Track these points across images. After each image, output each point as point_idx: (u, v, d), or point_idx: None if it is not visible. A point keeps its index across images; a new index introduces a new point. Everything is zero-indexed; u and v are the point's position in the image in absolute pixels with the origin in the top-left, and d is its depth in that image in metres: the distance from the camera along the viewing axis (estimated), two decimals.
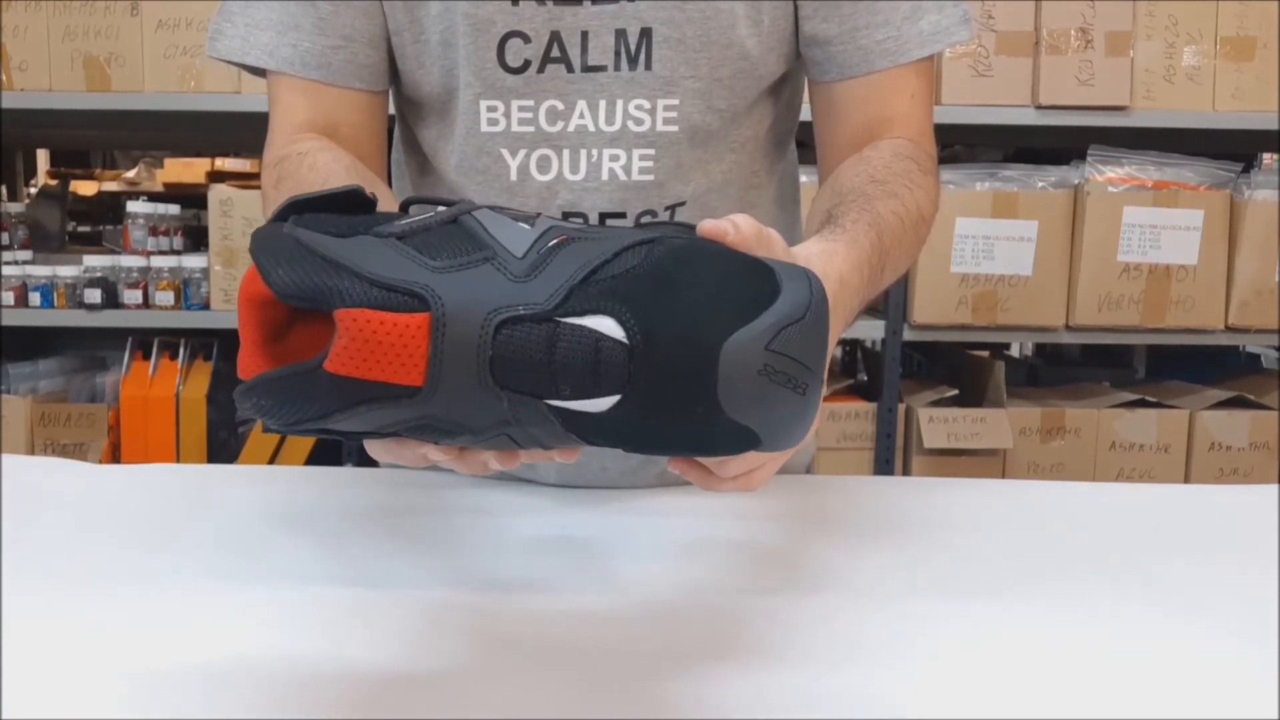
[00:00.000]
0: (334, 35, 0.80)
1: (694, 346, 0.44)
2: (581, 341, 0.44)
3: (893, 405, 2.21)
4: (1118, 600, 0.65)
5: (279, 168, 0.78)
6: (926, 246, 0.85)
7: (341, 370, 0.44)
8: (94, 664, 0.54)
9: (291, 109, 0.82)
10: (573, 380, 0.44)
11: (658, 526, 0.77)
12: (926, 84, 0.83)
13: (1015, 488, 0.94)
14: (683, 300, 0.44)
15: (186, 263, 2.29)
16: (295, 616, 0.60)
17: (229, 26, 0.81)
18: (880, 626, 0.60)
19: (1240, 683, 0.55)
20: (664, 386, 0.44)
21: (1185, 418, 2.21)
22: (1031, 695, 0.53)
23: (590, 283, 0.45)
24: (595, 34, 0.78)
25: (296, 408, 0.45)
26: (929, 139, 0.84)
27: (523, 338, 0.44)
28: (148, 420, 2.30)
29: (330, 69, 0.80)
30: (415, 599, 0.63)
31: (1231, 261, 2.14)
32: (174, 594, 0.63)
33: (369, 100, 0.83)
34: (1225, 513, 0.84)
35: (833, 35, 0.81)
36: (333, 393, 0.44)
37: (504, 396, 0.45)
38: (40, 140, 4.08)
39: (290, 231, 0.45)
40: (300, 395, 0.45)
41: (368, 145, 0.84)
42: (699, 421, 0.45)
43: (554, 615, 0.61)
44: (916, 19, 0.80)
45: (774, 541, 0.75)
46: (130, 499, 0.82)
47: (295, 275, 0.44)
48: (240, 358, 0.49)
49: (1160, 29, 2.11)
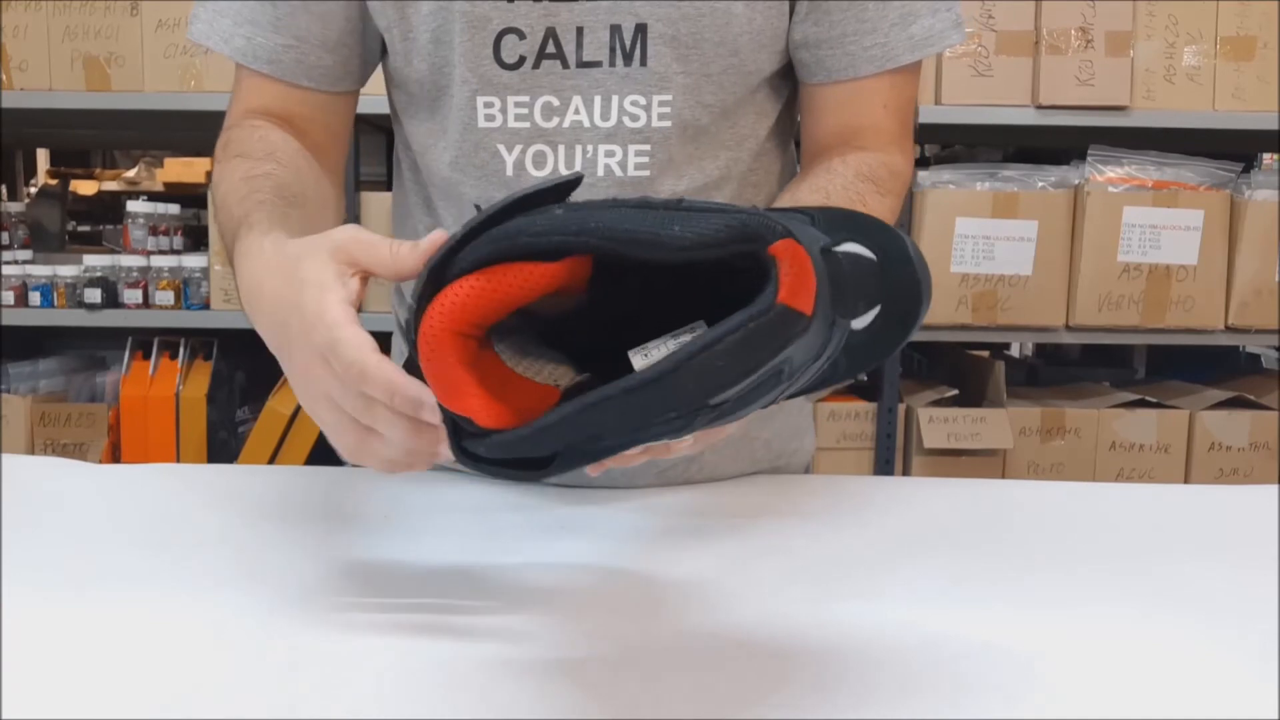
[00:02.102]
0: (287, 34, 0.82)
1: (908, 262, 0.50)
2: (857, 262, 0.48)
3: (893, 405, 2.21)
4: (1118, 600, 0.65)
5: (228, 133, 0.83)
6: (927, 246, 0.86)
7: (789, 300, 0.43)
8: (94, 664, 0.54)
9: (250, 94, 0.85)
10: (864, 296, 0.48)
11: (657, 525, 0.77)
12: (906, 90, 0.83)
13: (1015, 488, 0.94)
14: (876, 229, 0.50)
15: (186, 262, 2.29)
16: (296, 616, 0.60)
17: (201, 10, 0.85)
18: (880, 626, 0.60)
19: (1240, 683, 0.55)
20: (899, 296, 0.50)
21: (1185, 418, 2.21)
22: (1031, 695, 0.53)
23: (818, 223, 0.49)
24: (590, 30, 0.78)
25: (655, 410, 0.43)
26: (901, 151, 0.84)
27: (834, 264, 0.46)
28: (148, 420, 2.30)
29: (279, 65, 0.83)
30: (415, 598, 0.63)
31: (1231, 261, 2.14)
32: (174, 594, 0.63)
33: (324, 99, 0.85)
34: (1225, 513, 0.84)
35: (821, 39, 0.81)
36: (770, 336, 0.43)
37: (834, 319, 0.46)
38: (40, 140, 4.09)
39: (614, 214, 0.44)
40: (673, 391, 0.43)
41: (323, 139, 0.86)
42: (909, 325, 0.52)
43: (554, 614, 0.61)
44: (906, 25, 0.80)
45: (774, 541, 0.75)
46: (130, 499, 0.82)
47: (717, 226, 0.43)
48: (461, 403, 0.46)
49: (1160, 29, 2.11)
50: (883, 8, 0.80)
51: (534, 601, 0.63)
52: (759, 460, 0.93)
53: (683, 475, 0.90)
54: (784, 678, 0.54)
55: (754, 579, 0.67)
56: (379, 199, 2.20)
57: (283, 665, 0.54)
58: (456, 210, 0.87)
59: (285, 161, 0.77)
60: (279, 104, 0.84)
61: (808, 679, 0.54)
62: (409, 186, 0.93)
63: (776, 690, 0.53)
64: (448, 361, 0.46)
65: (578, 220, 0.44)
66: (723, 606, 0.63)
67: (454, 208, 0.87)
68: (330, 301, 0.54)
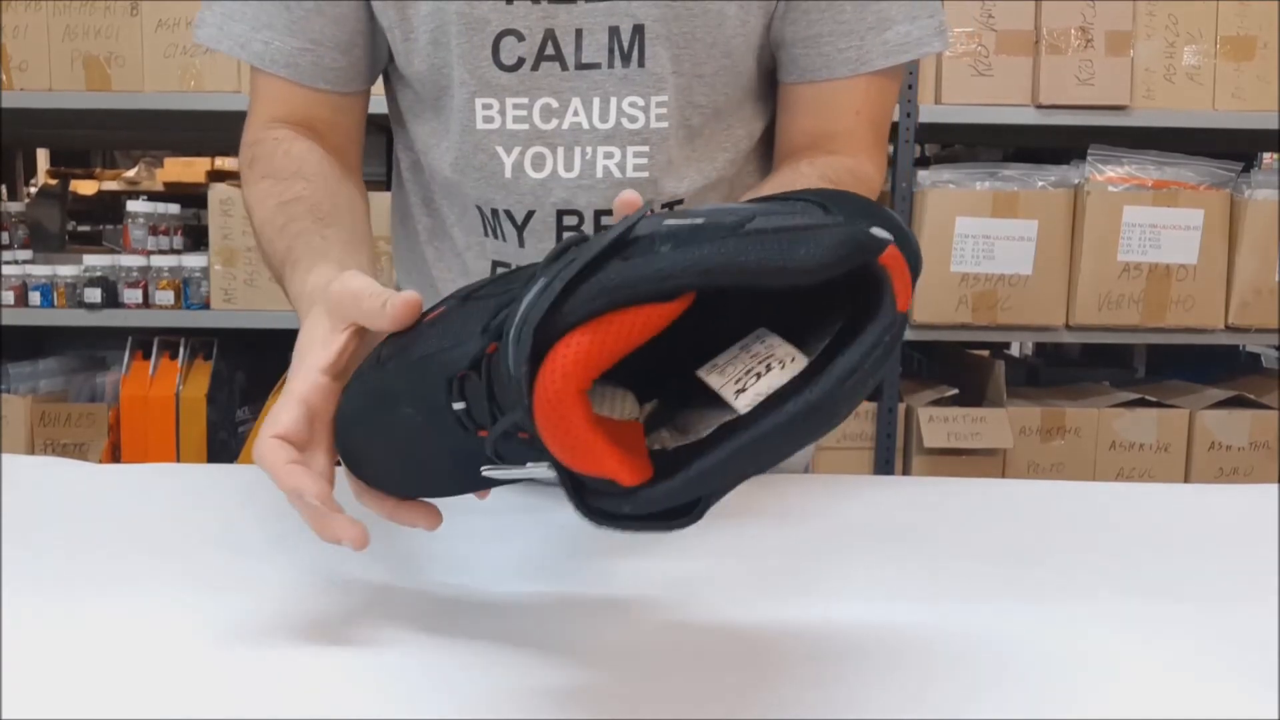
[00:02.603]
0: (303, 38, 0.82)
1: (908, 237, 0.48)
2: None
3: (893, 405, 2.21)
4: (1117, 600, 0.65)
5: (253, 149, 0.82)
6: (927, 246, 0.86)
7: (903, 308, 0.43)
8: (94, 664, 0.54)
9: (269, 100, 0.84)
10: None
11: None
12: (882, 96, 0.83)
13: (1015, 488, 0.94)
14: (879, 211, 0.49)
15: (186, 262, 2.29)
16: (296, 616, 0.60)
17: (208, 14, 0.84)
18: (880, 626, 0.60)
19: (1240, 683, 0.55)
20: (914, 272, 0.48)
21: (1185, 417, 2.21)
22: (1031, 695, 0.53)
23: (834, 210, 0.47)
24: (589, 31, 0.78)
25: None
26: (871, 159, 0.83)
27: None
28: (148, 420, 2.30)
29: (297, 69, 0.83)
30: (415, 598, 0.63)
31: (1231, 261, 2.14)
32: (174, 594, 0.63)
33: (340, 100, 0.85)
34: (1225, 513, 0.83)
35: (797, 38, 0.80)
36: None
37: None
38: (40, 140, 4.08)
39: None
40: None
41: (342, 140, 0.86)
42: (908, 301, 0.50)
43: (553, 614, 0.61)
44: (882, 30, 0.80)
45: (773, 541, 0.75)
46: (130, 499, 0.82)
47: (829, 244, 0.41)
48: (598, 466, 0.43)
49: (1160, 29, 2.11)
50: (861, 10, 0.79)
51: (534, 602, 0.63)
52: None
53: None
54: (784, 678, 0.54)
55: (753, 579, 0.67)
56: (379, 199, 2.17)
57: (283, 665, 0.54)
58: (459, 211, 0.87)
59: (312, 176, 0.78)
60: (299, 109, 0.84)
61: (807, 679, 0.54)
62: (409, 187, 0.93)
63: (776, 690, 0.53)
64: (577, 424, 0.42)
65: (695, 260, 0.41)
66: (722, 607, 0.63)
67: (456, 208, 0.87)
68: (300, 370, 0.58)
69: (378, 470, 0.57)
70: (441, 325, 0.54)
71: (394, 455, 0.56)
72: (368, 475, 0.58)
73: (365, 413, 0.56)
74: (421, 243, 0.92)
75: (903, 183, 2.13)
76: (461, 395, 0.50)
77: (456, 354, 0.51)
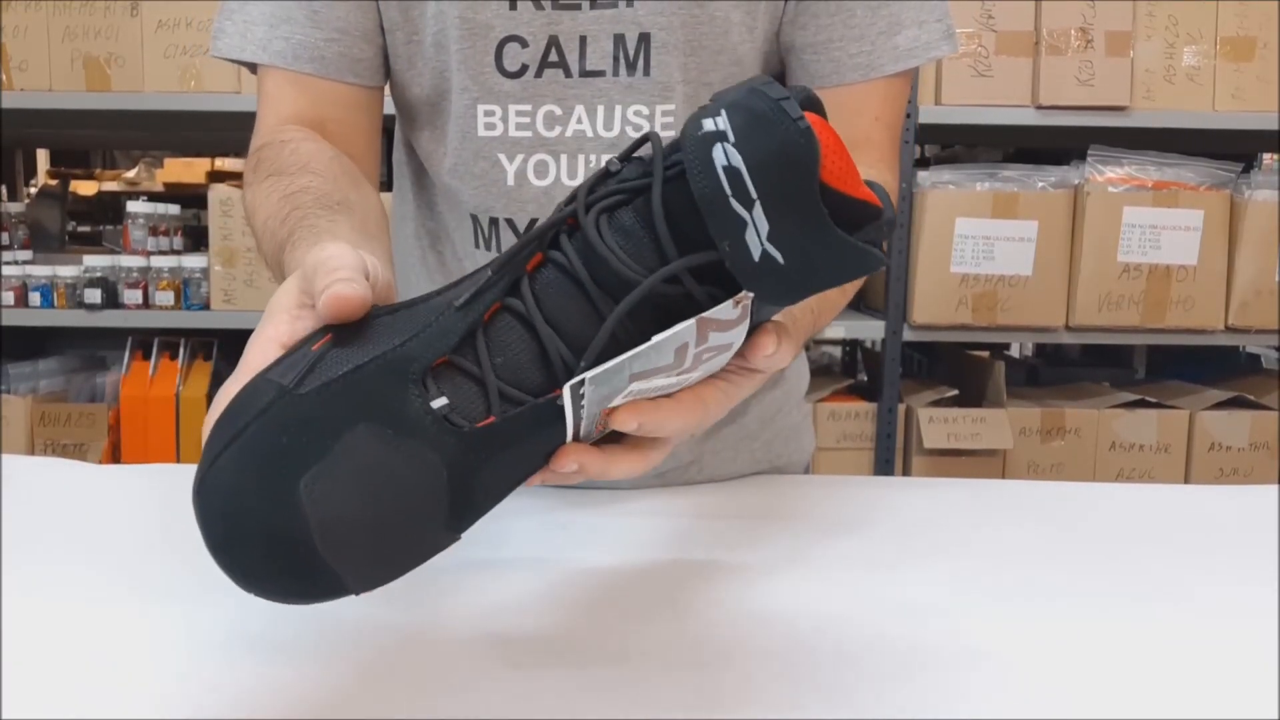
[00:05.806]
0: (327, 28, 0.79)
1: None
2: None
3: (893, 405, 2.21)
4: (1117, 600, 0.65)
5: (259, 153, 0.77)
6: (927, 246, 0.86)
7: (832, 182, 0.43)
8: (94, 664, 0.54)
9: (279, 102, 0.81)
10: None
11: (657, 527, 0.77)
12: (896, 100, 0.82)
13: (1015, 488, 0.94)
14: None
15: (186, 263, 2.29)
16: (296, 617, 0.60)
17: (229, 24, 0.81)
18: (879, 626, 0.60)
19: (1240, 683, 0.55)
20: None
21: (1185, 418, 2.21)
22: (1031, 695, 0.53)
23: None
24: (594, 39, 0.78)
25: None
26: (890, 167, 0.83)
27: None
28: (148, 420, 2.30)
29: (324, 61, 0.80)
30: (416, 598, 0.63)
31: (1231, 261, 2.14)
32: (174, 594, 0.63)
33: (362, 95, 0.82)
34: (1225, 513, 0.83)
35: (807, 44, 0.80)
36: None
37: None
38: (40, 140, 4.09)
39: None
40: None
41: (356, 141, 0.82)
42: None
43: (554, 615, 0.61)
44: (892, 34, 0.79)
45: (774, 541, 0.75)
46: (130, 499, 0.82)
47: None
48: (860, 189, 0.46)
49: (1160, 29, 2.11)
50: (871, 14, 0.79)
51: (534, 602, 0.63)
52: (759, 461, 0.93)
53: (683, 476, 0.89)
54: (783, 678, 0.54)
55: (753, 579, 0.67)
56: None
57: (284, 665, 0.54)
58: (458, 216, 0.87)
59: (321, 170, 0.71)
60: (311, 109, 0.80)
61: (807, 679, 0.54)
62: (409, 189, 0.92)
63: (776, 690, 0.53)
64: (850, 158, 0.44)
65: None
66: (721, 607, 0.63)
67: (455, 214, 0.87)
68: (257, 340, 0.47)
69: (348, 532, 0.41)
70: (388, 321, 0.45)
71: (364, 504, 0.41)
72: (333, 552, 0.41)
73: (284, 464, 0.40)
74: (424, 248, 0.92)
75: (903, 183, 2.13)
76: (440, 390, 0.43)
77: (428, 338, 0.43)
